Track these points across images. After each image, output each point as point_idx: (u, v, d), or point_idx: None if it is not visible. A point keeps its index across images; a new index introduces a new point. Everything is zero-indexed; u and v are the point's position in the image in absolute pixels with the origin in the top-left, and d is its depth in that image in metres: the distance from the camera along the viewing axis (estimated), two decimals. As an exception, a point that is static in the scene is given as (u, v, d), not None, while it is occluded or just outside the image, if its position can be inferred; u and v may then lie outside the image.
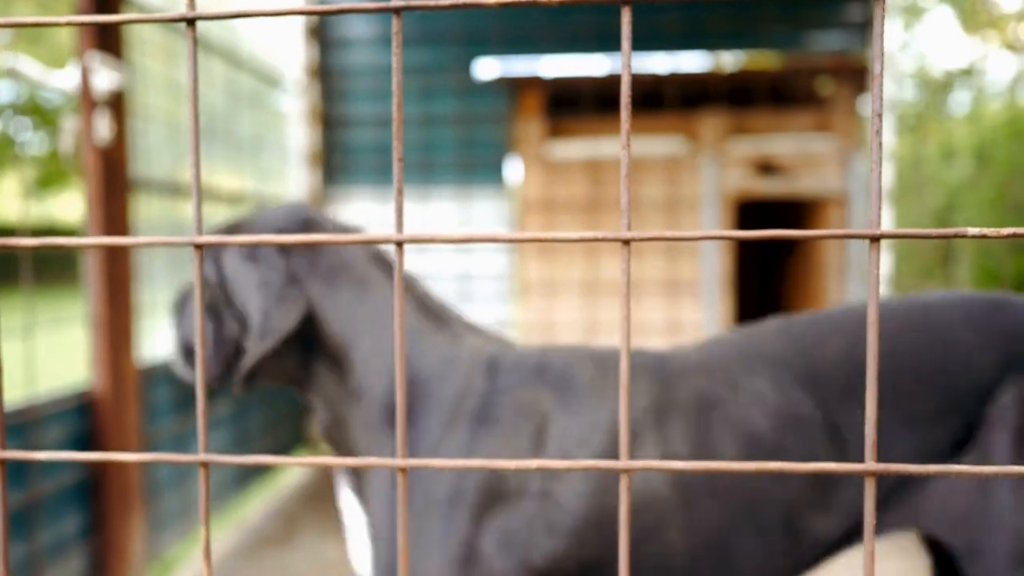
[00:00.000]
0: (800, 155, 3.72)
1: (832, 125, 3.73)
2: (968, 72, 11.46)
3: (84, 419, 2.01)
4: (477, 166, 3.88)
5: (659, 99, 3.88)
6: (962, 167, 6.42)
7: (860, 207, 3.69)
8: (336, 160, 3.94)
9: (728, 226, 3.75)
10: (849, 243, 3.76)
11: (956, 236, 0.53)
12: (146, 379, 2.37)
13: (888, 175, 3.67)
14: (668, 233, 0.53)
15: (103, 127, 2.06)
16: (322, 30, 3.82)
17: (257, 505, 3.22)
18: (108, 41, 2.07)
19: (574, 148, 3.86)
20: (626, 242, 0.54)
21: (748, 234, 0.52)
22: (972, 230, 0.55)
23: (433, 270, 3.92)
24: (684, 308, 3.80)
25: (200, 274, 0.56)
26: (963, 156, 6.40)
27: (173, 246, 0.73)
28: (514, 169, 3.89)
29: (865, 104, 3.76)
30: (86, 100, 2.04)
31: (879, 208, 0.56)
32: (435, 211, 3.88)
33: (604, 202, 3.79)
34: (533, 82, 3.75)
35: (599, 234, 0.54)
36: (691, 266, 3.78)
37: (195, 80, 0.57)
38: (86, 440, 2.00)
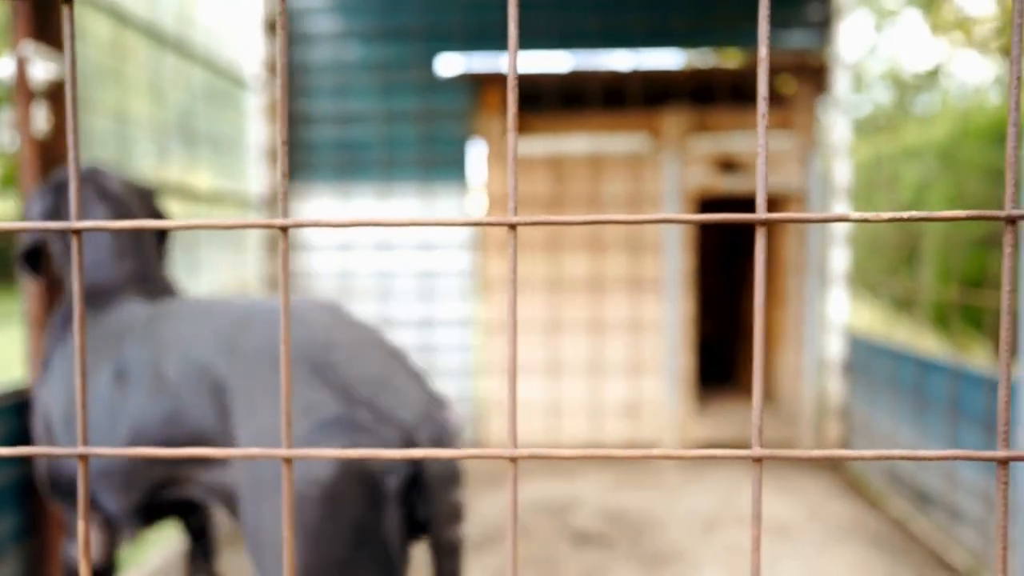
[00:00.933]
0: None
1: (793, 123, 3.76)
2: (934, 74, 11.65)
3: (19, 418, 1.96)
4: (439, 163, 3.85)
5: (622, 96, 3.89)
6: (925, 166, 6.51)
7: (818, 203, 3.73)
8: (297, 157, 3.89)
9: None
10: (807, 242, 3.79)
11: (838, 220, 0.53)
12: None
13: (845, 173, 3.70)
14: (554, 218, 0.53)
15: (40, 119, 2.01)
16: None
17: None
18: (45, 31, 2.01)
19: (537, 145, 3.85)
20: (512, 227, 0.55)
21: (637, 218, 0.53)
22: (854, 215, 0.55)
23: (394, 268, 3.89)
24: (647, 305, 3.80)
25: (79, 260, 0.55)
26: (927, 155, 6.49)
27: (47, 229, 0.71)
28: (477, 166, 3.88)
29: (825, 103, 3.79)
30: (22, 91, 1.99)
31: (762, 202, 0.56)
32: (397, 208, 3.85)
33: (567, 198, 3.79)
34: (495, 78, 3.74)
35: (485, 219, 0.53)
36: (654, 264, 3.79)
37: (73, 58, 0.55)
38: (22, 439, 1.95)
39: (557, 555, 2.67)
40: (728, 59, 4.10)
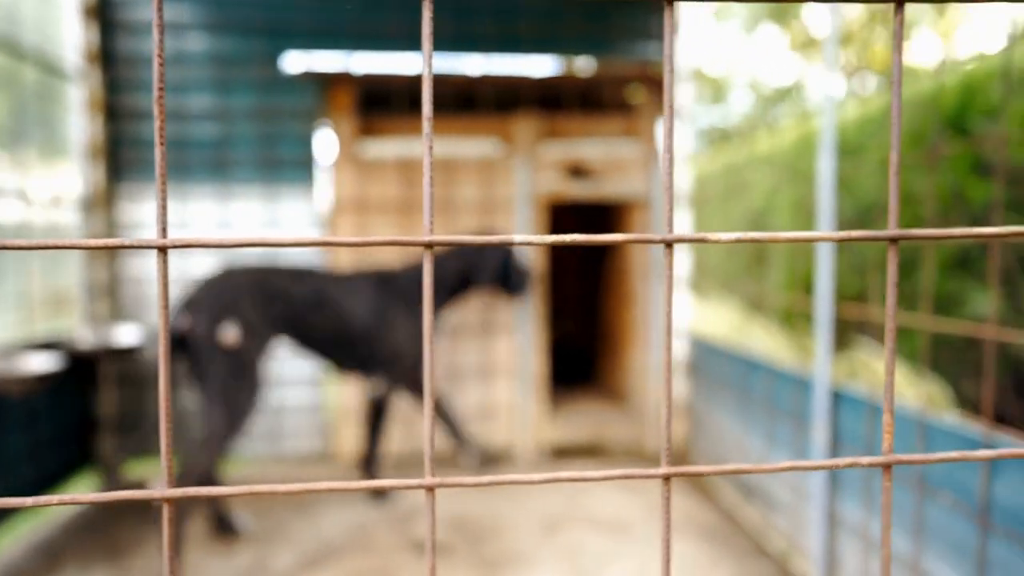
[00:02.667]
0: (608, 159, 3.84)
1: (638, 131, 3.89)
2: (789, 89, 12.52)
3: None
4: (284, 164, 3.69)
5: (473, 101, 3.88)
6: (774, 174, 6.94)
7: (661, 209, 3.86)
8: (125, 155, 3.61)
9: (540, 227, 3.80)
10: (651, 247, 3.92)
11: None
12: None
13: (684, 181, 3.87)
14: (469, 237, 0.55)
15: None
16: (104, 12, 3.48)
17: (18, 539, 2.88)
18: None
19: (387, 147, 3.78)
20: (428, 246, 0.56)
21: (554, 238, 0.57)
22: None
23: (238, 273, 3.70)
24: (498, 308, 3.81)
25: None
26: (776, 164, 6.93)
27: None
28: (324, 168, 3.75)
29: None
30: None
31: (671, 213, 0.63)
32: (237, 212, 3.65)
33: (418, 203, 3.74)
34: (343, 78, 3.63)
35: (404, 239, 0.56)
36: (507, 267, 3.80)
37: None
38: None
39: (396, 566, 2.61)
40: (578, 66, 4.18)
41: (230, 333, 2.60)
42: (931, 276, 3.55)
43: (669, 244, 0.63)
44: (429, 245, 0.61)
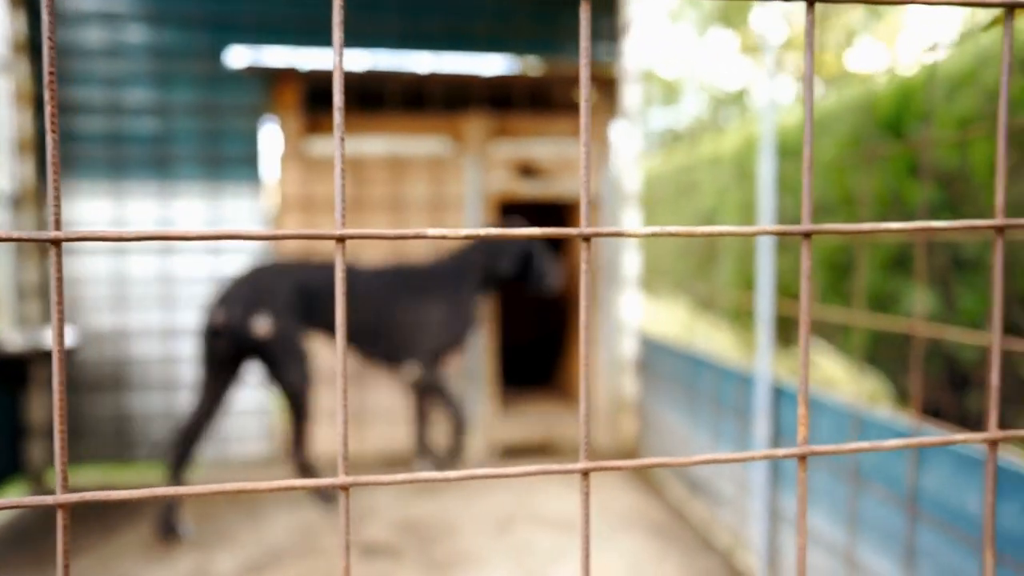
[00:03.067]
0: (559, 159, 3.86)
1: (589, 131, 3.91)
2: (740, 93, 12.79)
3: None
4: (228, 161, 3.60)
5: (422, 99, 3.85)
6: (724, 175, 7.07)
7: (610, 209, 3.90)
8: (60, 151, 3.46)
9: (492, 226, 3.79)
10: (600, 245, 3.95)
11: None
12: None
13: (633, 181, 3.91)
14: (382, 232, 0.55)
15: None
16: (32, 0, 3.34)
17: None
18: None
19: (334, 145, 3.72)
20: (340, 240, 0.55)
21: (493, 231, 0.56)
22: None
23: (182, 272, 3.59)
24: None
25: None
26: (725, 165, 7.06)
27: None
28: (270, 165, 3.67)
29: (619, 113, 3.98)
30: None
31: (588, 210, 0.67)
32: (179, 210, 3.55)
33: (367, 201, 3.69)
34: (289, 74, 3.56)
35: (311, 232, 0.54)
36: (458, 266, 3.78)
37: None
38: None
39: (341, 569, 2.57)
40: (528, 66, 4.19)
41: (261, 324, 2.80)
42: (864, 274, 3.66)
43: (587, 238, 0.63)
44: (341, 239, 0.60)
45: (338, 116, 0.60)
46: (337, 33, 0.61)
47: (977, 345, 3.11)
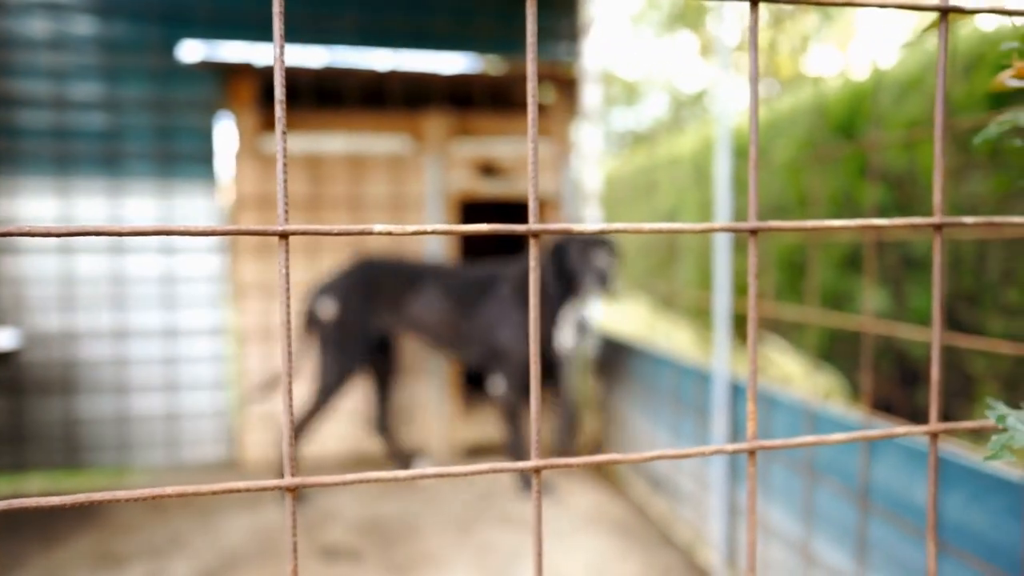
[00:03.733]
0: (519, 158, 3.85)
1: (550, 130, 3.92)
2: (699, 95, 12.98)
3: None
4: (181, 158, 3.51)
5: (382, 96, 3.81)
6: (684, 174, 7.16)
7: (571, 208, 3.92)
8: None
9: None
10: (562, 243, 3.96)
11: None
12: None
13: (593, 180, 3.93)
14: (323, 228, 0.55)
15: None
16: (-27, -11, 3.21)
17: None
18: None
19: (292, 143, 3.66)
20: (283, 236, 0.56)
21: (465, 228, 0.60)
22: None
23: (130, 272, 3.49)
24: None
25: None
26: (684, 165, 7.15)
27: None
28: (225, 163, 3.59)
29: (581, 113, 3.99)
30: None
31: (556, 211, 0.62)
32: (130, 208, 3.45)
33: (325, 200, 3.64)
34: (244, 69, 3.49)
35: (251, 228, 0.55)
36: (419, 266, 3.75)
37: None
38: None
39: (302, 574, 2.53)
40: (489, 65, 4.18)
41: (326, 308, 3.15)
42: (818, 273, 3.75)
43: (535, 235, 0.63)
44: (284, 235, 0.58)
45: (279, 110, 0.58)
46: (278, 24, 0.59)
47: (926, 342, 3.20)
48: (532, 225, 0.61)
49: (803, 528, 2.03)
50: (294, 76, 3.59)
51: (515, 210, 4.63)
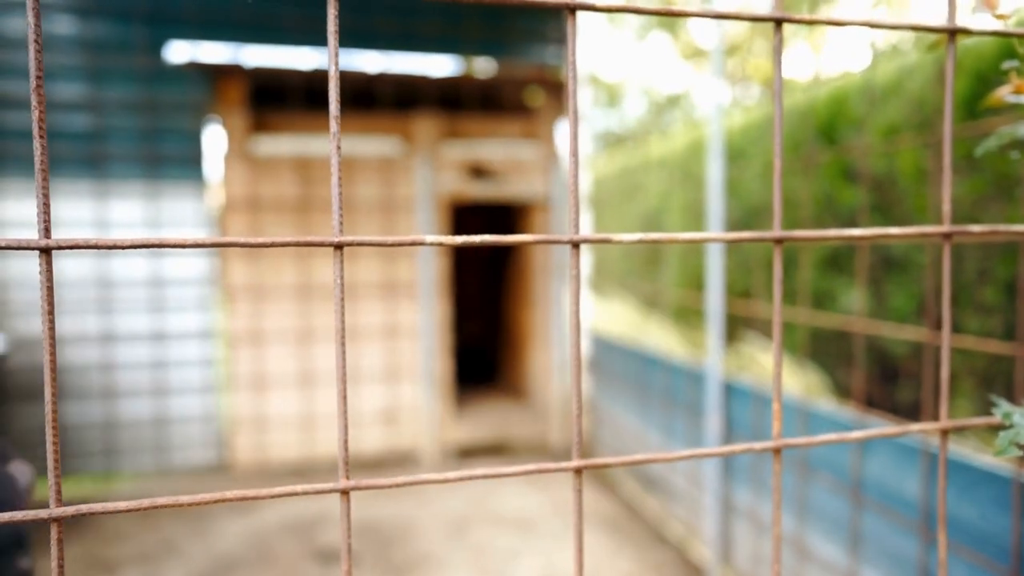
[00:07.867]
0: (509, 161, 3.88)
1: (538, 133, 3.95)
2: (679, 96, 13.10)
3: None
4: (168, 160, 3.49)
5: (372, 98, 3.82)
6: (667, 177, 7.23)
7: (561, 210, 3.95)
8: (-14, 147, 3.29)
9: (442, 227, 3.79)
10: (552, 247, 4.00)
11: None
12: None
13: (584, 183, 3.97)
14: (380, 239, 0.53)
15: None
16: (-44, -11, 3.17)
17: None
18: None
19: (281, 144, 3.65)
20: (338, 247, 0.53)
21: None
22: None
23: (119, 274, 3.46)
24: (402, 310, 3.77)
25: None
26: (669, 167, 7.22)
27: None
28: (214, 165, 3.57)
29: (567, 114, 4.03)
30: None
31: (577, 215, 0.61)
32: (116, 210, 3.42)
33: (314, 202, 3.63)
34: (233, 71, 3.48)
35: (309, 239, 0.53)
36: (408, 268, 3.77)
37: None
38: None
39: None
40: (478, 68, 4.21)
41: None
42: (807, 274, 3.82)
43: (576, 244, 0.65)
44: (339, 245, 0.60)
45: (334, 125, 0.60)
46: (332, 41, 0.61)
47: (906, 340, 3.28)
48: (573, 235, 0.63)
49: (797, 522, 2.08)
50: (285, 78, 3.59)
51: (504, 212, 4.65)
